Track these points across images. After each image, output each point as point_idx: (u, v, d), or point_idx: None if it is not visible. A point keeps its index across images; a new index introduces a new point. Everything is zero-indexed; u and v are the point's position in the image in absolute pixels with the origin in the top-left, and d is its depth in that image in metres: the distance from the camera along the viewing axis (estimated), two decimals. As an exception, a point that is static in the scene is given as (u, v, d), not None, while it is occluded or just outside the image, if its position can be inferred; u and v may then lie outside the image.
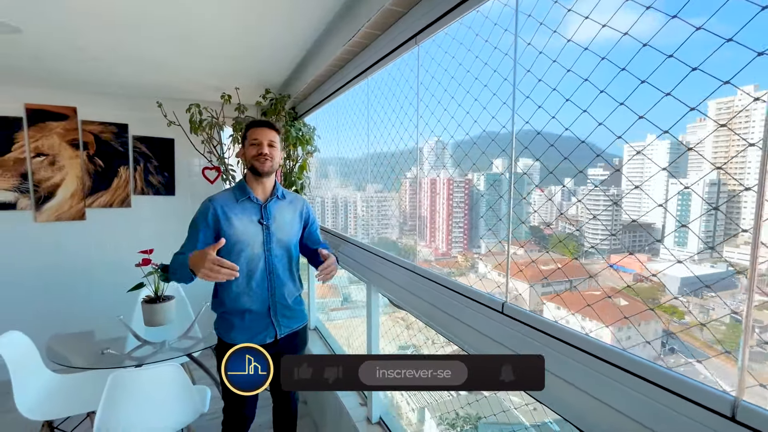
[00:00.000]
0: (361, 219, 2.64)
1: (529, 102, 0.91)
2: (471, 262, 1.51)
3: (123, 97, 3.12)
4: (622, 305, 0.82)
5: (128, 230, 3.23)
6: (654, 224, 0.87)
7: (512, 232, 0.97)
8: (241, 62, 2.38)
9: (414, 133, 1.50)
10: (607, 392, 0.74)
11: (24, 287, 2.96)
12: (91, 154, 3.07)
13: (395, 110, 1.68)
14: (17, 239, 2.93)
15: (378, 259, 1.69)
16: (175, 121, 2.90)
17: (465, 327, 1.11)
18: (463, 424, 1.67)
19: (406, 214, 1.88)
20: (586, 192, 1.01)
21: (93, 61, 2.32)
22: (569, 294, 0.89)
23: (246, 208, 1.53)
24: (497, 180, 1.09)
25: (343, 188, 2.75)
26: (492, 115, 1.05)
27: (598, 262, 0.87)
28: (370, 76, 1.82)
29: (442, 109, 1.31)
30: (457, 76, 1.26)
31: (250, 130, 1.55)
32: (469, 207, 1.54)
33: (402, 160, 1.70)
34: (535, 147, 0.89)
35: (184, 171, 3.38)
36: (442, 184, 1.81)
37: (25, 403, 1.77)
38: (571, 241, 0.96)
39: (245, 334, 1.53)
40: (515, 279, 0.98)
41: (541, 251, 0.93)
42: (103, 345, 2.24)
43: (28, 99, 2.87)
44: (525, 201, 1.00)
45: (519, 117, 0.93)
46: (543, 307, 1.05)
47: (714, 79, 0.64)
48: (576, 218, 1.03)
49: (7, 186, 2.86)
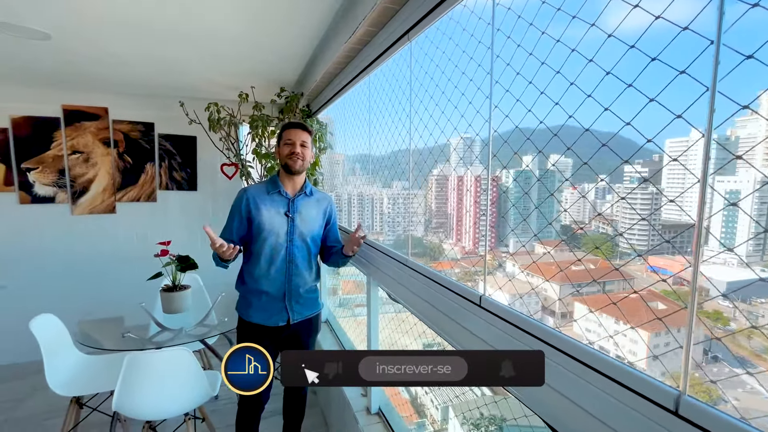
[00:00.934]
0: (387, 216, 2.66)
1: (559, 95, 0.85)
2: (498, 261, 1.55)
3: (149, 97, 3.30)
4: (659, 309, 0.77)
5: (154, 223, 3.43)
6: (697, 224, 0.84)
7: (542, 232, 0.93)
8: (253, 62, 2.47)
9: (436, 130, 1.43)
10: (579, 393, 0.72)
11: (59, 274, 3.20)
12: (120, 151, 3.27)
13: (415, 107, 1.59)
14: (56, 230, 3.18)
15: (376, 252, 1.73)
16: (196, 119, 3.04)
17: (449, 320, 1.13)
18: (488, 425, 1.66)
19: (431, 212, 1.90)
20: (619, 189, 0.91)
21: (121, 65, 2.47)
22: (602, 297, 0.85)
23: (275, 200, 1.67)
24: (527, 177, 1.06)
25: (369, 185, 2.73)
26: (528, 108, 0.93)
27: (633, 263, 0.84)
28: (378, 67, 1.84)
29: (466, 103, 1.18)
30: (481, 68, 1.11)
31: (285, 130, 1.68)
32: (497, 205, 1.60)
33: (429, 157, 1.64)
34: (568, 143, 0.83)
35: (205, 167, 3.53)
36: (469, 181, 1.82)
37: (56, 380, 1.93)
38: (605, 241, 0.93)
39: (261, 314, 1.68)
40: (543, 279, 0.95)
41: (572, 251, 0.89)
42: (129, 330, 2.41)
43: (64, 100, 3.10)
44: (554, 199, 0.96)
45: (539, 110, 0.86)
46: (573, 309, 1.02)
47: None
48: (611, 217, 0.99)
49: (47, 181, 3.10)
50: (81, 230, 3.23)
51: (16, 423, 2.43)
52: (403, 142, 1.71)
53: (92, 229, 3.26)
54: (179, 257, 2.22)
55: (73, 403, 2.02)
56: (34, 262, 3.14)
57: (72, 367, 2.11)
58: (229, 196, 3.59)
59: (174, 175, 3.44)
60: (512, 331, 0.88)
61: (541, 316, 1.09)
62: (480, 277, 1.29)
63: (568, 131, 0.82)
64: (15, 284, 3.11)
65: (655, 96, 0.68)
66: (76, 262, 3.23)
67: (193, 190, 3.51)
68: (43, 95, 3.03)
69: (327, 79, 2.45)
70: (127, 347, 2.01)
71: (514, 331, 0.88)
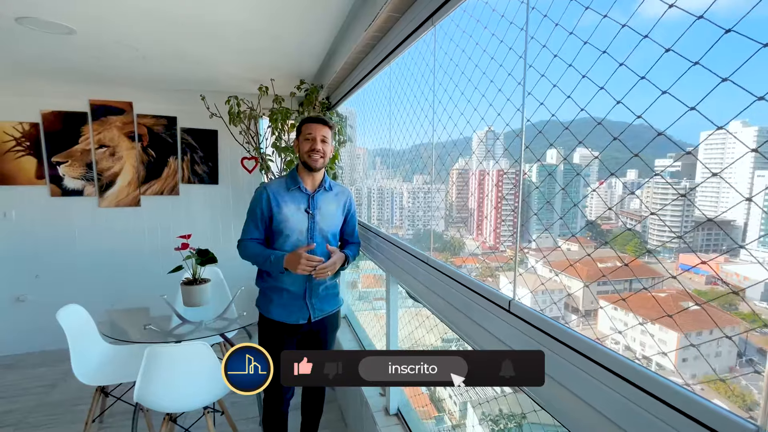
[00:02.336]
0: (407, 210, 2.61)
1: (582, 86, 0.79)
2: (521, 257, 1.50)
3: (172, 91, 3.33)
4: (691, 310, 0.74)
5: (177, 216, 3.48)
6: (734, 221, 0.78)
7: (567, 228, 0.90)
8: (273, 54, 2.43)
9: (461, 121, 1.33)
10: (602, 400, 0.67)
11: (88, 265, 3.30)
12: (144, 145, 3.32)
13: (439, 96, 1.50)
14: (84, 222, 3.27)
15: (396, 249, 1.66)
16: (217, 113, 3.04)
17: (475, 326, 1.05)
18: (506, 422, 1.62)
19: (452, 206, 1.85)
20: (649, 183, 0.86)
21: (144, 60, 2.49)
22: (629, 296, 0.82)
23: (295, 196, 1.64)
24: (552, 171, 1.02)
25: (389, 179, 2.69)
26: (566, 94, 0.84)
27: (664, 261, 0.80)
28: (399, 55, 1.77)
29: (494, 93, 1.09)
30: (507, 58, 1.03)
31: (305, 125, 1.63)
32: (520, 200, 1.53)
33: (453, 149, 1.57)
34: (595, 136, 0.79)
35: (226, 161, 3.55)
36: (491, 175, 1.74)
37: (82, 369, 1.98)
38: (634, 237, 0.90)
39: (282, 311, 1.65)
40: (569, 276, 0.91)
41: (598, 248, 0.85)
42: (151, 321, 2.46)
43: (91, 95, 3.16)
44: (583, 193, 0.94)
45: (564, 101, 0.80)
46: (598, 308, 0.98)
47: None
48: (639, 213, 0.96)
49: (76, 174, 3.19)
50: (107, 223, 3.31)
51: (47, 408, 2.51)
52: (425, 135, 1.64)
53: (118, 222, 3.34)
54: (199, 251, 2.23)
55: (98, 391, 2.06)
56: (64, 253, 3.24)
57: (97, 356, 2.16)
58: (249, 189, 3.63)
59: (196, 168, 3.47)
60: (547, 341, 0.80)
61: (564, 313, 1.08)
62: (502, 273, 1.24)
63: (592, 123, 0.76)
64: (47, 274, 3.22)
65: (668, 87, 0.61)
66: (104, 253, 3.32)
67: (214, 184, 3.54)
68: (71, 90, 3.11)
69: (347, 70, 2.39)
70: (149, 339, 2.03)
71: (548, 341, 0.80)
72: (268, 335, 1.70)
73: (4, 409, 2.50)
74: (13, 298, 3.16)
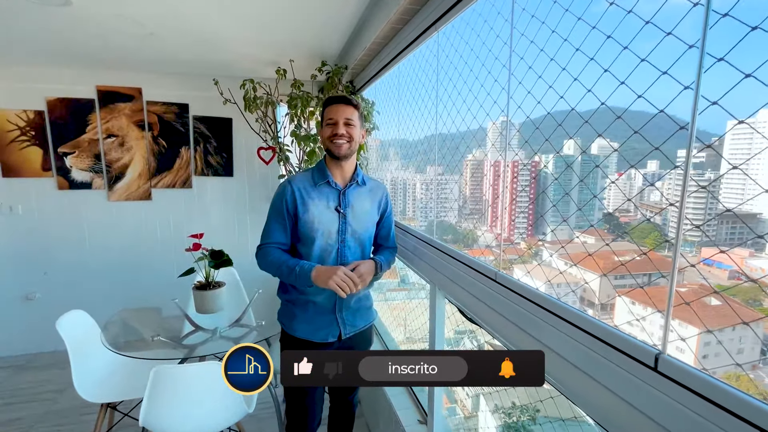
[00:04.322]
0: (420, 202, 2.44)
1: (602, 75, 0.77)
2: (535, 250, 1.41)
3: (183, 75, 3.09)
4: (712, 306, 0.75)
5: (190, 211, 3.27)
6: (760, 215, 0.75)
7: (584, 220, 0.89)
8: (293, 30, 2.14)
9: (479, 112, 1.27)
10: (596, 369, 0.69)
11: (98, 262, 3.12)
12: (155, 135, 3.10)
13: (469, 84, 1.37)
14: (93, 217, 3.09)
15: (447, 258, 1.38)
16: (231, 99, 2.79)
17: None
18: (519, 415, 1.60)
19: (466, 197, 1.72)
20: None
21: (150, 38, 2.24)
22: (648, 289, 0.80)
23: (323, 192, 1.38)
24: (570, 162, 0.99)
25: (403, 170, 2.53)
26: (587, 88, 0.83)
27: (686, 255, 0.77)
28: (438, 31, 1.47)
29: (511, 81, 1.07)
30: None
31: (327, 108, 1.38)
32: (536, 191, 1.46)
33: (465, 140, 1.50)
34: (614, 126, 0.78)
35: (241, 152, 3.31)
36: (506, 166, 1.64)
37: (84, 384, 1.78)
38: (654, 230, 0.88)
39: (307, 327, 1.41)
40: (585, 269, 0.91)
41: (615, 240, 0.84)
42: (164, 322, 2.26)
43: (98, 81, 2.95)
44: (596, 185, 0.93)
45: None
46: (615, 301, 0.98)
47: None
48: (659, 206, 0.94)
49: (83, 166, 2.99)
50: (118, 217, 3.12)
51: (54, 417, 2.35)
52: (452, 124, 1.49)
53: (129, 217, 3.14)
54: (212, 252, 1.99)
55: (104, 408, 1.86)
56: (73, 249, 3.07)
57: (102, 369, 1.96)
58: (266, 182, 3.39)
59: (209, 159, 3.24)
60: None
61: (580, 306, 1.07)
62: (517, 264, 1.14)
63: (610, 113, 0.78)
64: (56, 271, 3.06)
65: (690, 83, 0.62)
66: (114, 249, 3.14)
67: (229, 176, 3.31)
68: (78, 76, 2.89)
69: (374, 50, 2.09)
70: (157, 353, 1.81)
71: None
72: None
73: (12, 416, 2.35)
74: (23, 296, 3.01)
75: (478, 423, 1.90)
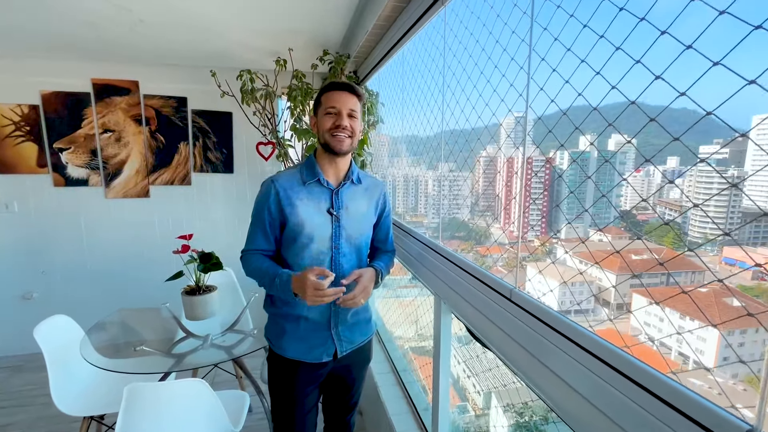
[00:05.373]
0: (431, 198, 2.30)
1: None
2: (549, 248, 1.36)
3: (181, 68, 2.96)
4: (734, 307, 0.68)
5: (189, 209, 3.15)
6: None
7: (599, 218, 0.87)
8: (293, 16, 1.97)
9: (498, 105, 1.10)
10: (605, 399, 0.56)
11: (96, 260, 3.03)
12: (152, 130, 2.98)
13: (471, 77, 1.20)
14: (91, 214, 2.99)
15: (455, 270, 1.20)
16: (229, 91, 2.64)
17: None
18: (532, 414, 1.56)
19: (478, 194, 1.63)
20: None
21: (141, 23, 2.10)
22: (666, 289, 0.75)
23: (313, 192, 1.22)
24: (585, 159, 0.94)
25: (415, 167, 2.39)
26: (612, 85, 0.70)
27: (705, 254, 0.74)
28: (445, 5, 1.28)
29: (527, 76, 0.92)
30: None
31: (326, 94, 1.21)
32: (550, 188, 1.41)
33: (476, 134, 1.34)
34: (631, 121, 0.71)
35: (241, 147, 3.17)
36: (520, 162, 1.57)
37: (64, 396, 1.66)
38: (673, 229, 0.83)
39: (299, 346, 1.24)
40: (601, 269, 0.85)
41: (632, 239, 0.80)
42: (163, 325, 2.14)
43: (93, 74, 2.84)
44: (613, 181, 0.90)
45: None
46: (631, 301, 0.97)
47: None
48: (679, 203, 0.91)
49: (79, 162, 2.90)
50: (115, 215, 3.02)
51: (46, 422, 2.27)
52: (462, 115, 1.32)
53: (127, 215, 3.04)
54: (201, 255, 1.85)
55: (86, 420, 1.74)
56: (71, 248, 2.98)
57: (85, 378, 1.84)
58: (267, 179, 3.24)
59: (209, 155, 3.11)
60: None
61: (593, 306, 1.03)
62: (530, 264, 1.03)
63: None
64: (53, 270, 2.98)
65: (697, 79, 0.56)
66: (112, 248, 3.04)
67: (229, 173, 3.17)
68: (72, 68, 2.79)
69: (377, 34, 1.91)
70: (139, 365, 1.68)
71: None
72: (280, 378, 1.28)
73: (5, 422, 2.27)
74: (20, 295, 2.95)
75: (488, 421, 1.85)
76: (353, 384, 1.40)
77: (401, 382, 1.99)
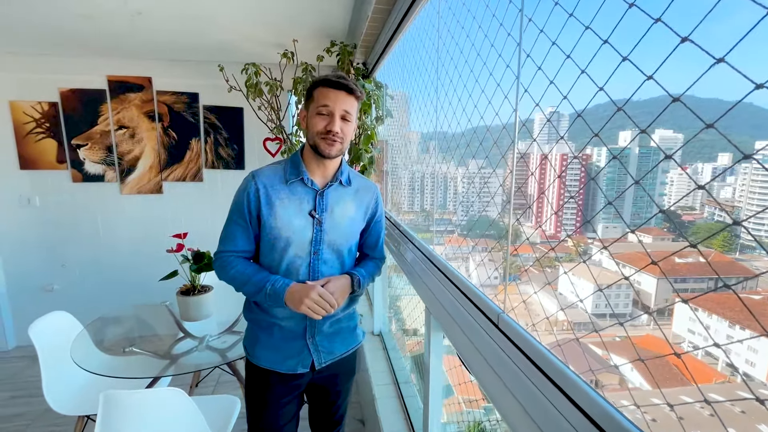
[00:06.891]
0: (460, 196, 2.16)
1: None
2: (583, 248, 1.32)
3: (192, 63, 2.94)
4: None
5: (201, 205, 3.14)
6: None
7: (639, 218, 0.78)
8: (292, 4, 1.87)
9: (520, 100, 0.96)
10: None
11: (111, 257, 3.08)
12: (165, 126, 2.99)
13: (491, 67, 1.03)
14: (107, 211, 3.04)
15: (445, 282, 1.05)
16: (236, 86, 2.59)
17: None
18: None
19: (509, 192, 1.45)
20: None
21: (139, 15, 2.06)
22: (714, 295, 0.65)
23: (296, 192, 1.12)
24: (623, 156, 0.85)
25: (444, 163, 2.27)
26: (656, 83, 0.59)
27: (759, 259, 0.70)
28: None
29: None
30: None
31: (320, 89, 1.08)
32: (585, 186, 1.34)
33: (498, 130, 1.17)
34: (679, 116, 0.60)
35: (252, 143, 3.12)
36: (554, 159, 1.41)
37: (57, 394, 1.65)
38: (723, 231, 0.72)
39: (272, 356, 1.16)
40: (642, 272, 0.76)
41: (676, 240, 0.70)
42: (170, 321, 2.12)
43: (108, 71, 2.87)
44: (656, 179, 0.94)
45: None
46: (674, 307, 0.93)
47: None
48: (731, 203, 0.84)
49: (96, 158, 2.94)
50: (131, 211, 3.06)
51: (51, 417, 2.30)
52: (502, 116, 1.13)
53: (141, 210, 3.07)
54: (195, 255, 1.79)
55: (81, 420, 1.73)
56: (89, 242, 3.05)
57: (81, 377, 1.83)
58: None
59: (220, 151, 3.09)
60: None
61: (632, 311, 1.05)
62: (565, 263, 0.91)
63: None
64: (73, 263, 3.06)
65: None
66: (128, 243, 3.09)
67: (240, 169, 3.14)
68: (88, 65, 2.83)
69: (382, 15, 1.76)
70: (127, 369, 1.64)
71: None
72: (254, 388, 1.20)
73: (13, 412, 2.33)
74: (41, 287, 3.05)
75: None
76: (338, 396, 1.29)
77: (401, 395, 1.86)
